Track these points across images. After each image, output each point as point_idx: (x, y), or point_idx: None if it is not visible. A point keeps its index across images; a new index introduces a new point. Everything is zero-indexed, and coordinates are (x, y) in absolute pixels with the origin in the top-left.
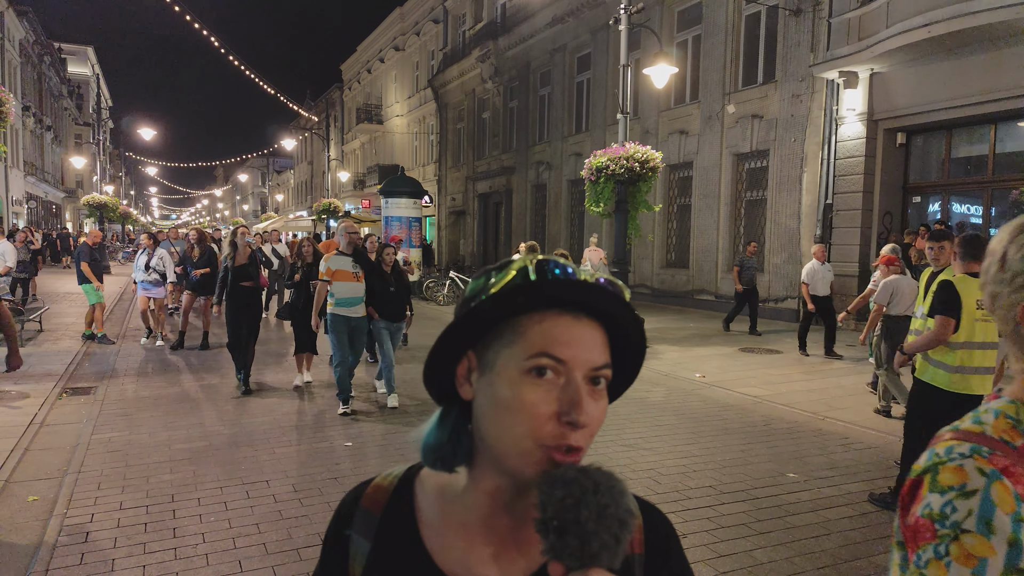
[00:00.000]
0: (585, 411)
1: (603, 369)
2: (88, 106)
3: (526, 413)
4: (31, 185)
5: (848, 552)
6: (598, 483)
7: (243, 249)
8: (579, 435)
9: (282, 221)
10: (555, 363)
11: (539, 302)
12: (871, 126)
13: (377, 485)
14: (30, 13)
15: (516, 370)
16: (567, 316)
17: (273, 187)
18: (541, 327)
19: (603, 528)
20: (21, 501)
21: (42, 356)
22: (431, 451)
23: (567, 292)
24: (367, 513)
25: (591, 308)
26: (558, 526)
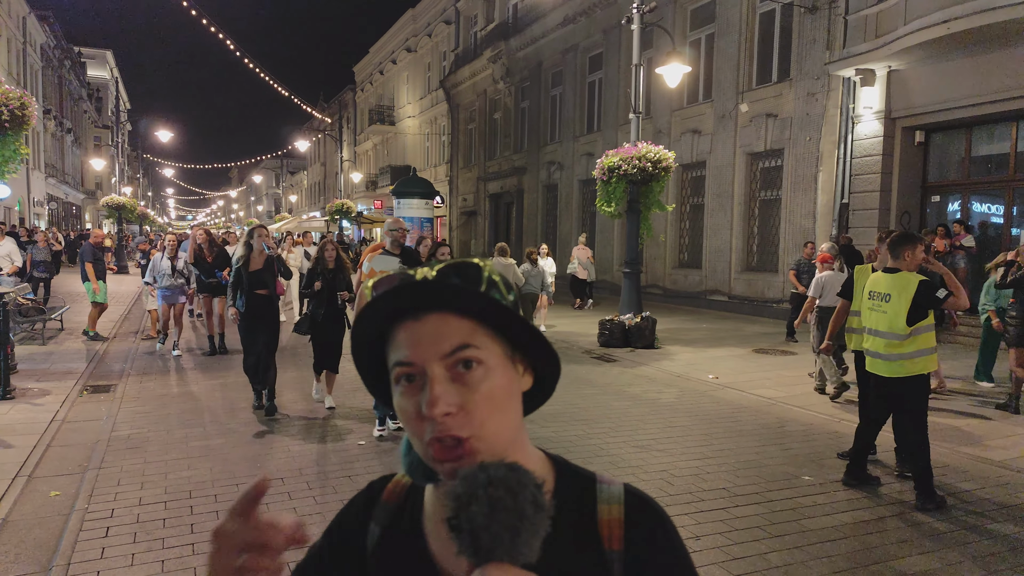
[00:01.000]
0: (434, 402)
1: (460, 352)
2: (107, 109)
3: (404, 418)
4: (52, 187)
5: (865, 556)
6: (492, 477)
7: (258, 253)
8: (452, 423)
9: (295, 222)
10: (407, 367)
11: (382, 319)
12: (889, 124)
13: (396, 481)
14: (51, 18)
15: (393, 384)
16: (409, 321)
17: (287, 188)
18: (395, 338)
19: (495, 522)
20: (43, 496)
21: (63, 355)
22: (406, 468)
23: (392, 303)
24: (384, 504)
25: (430, 304)
26: (455, 524)
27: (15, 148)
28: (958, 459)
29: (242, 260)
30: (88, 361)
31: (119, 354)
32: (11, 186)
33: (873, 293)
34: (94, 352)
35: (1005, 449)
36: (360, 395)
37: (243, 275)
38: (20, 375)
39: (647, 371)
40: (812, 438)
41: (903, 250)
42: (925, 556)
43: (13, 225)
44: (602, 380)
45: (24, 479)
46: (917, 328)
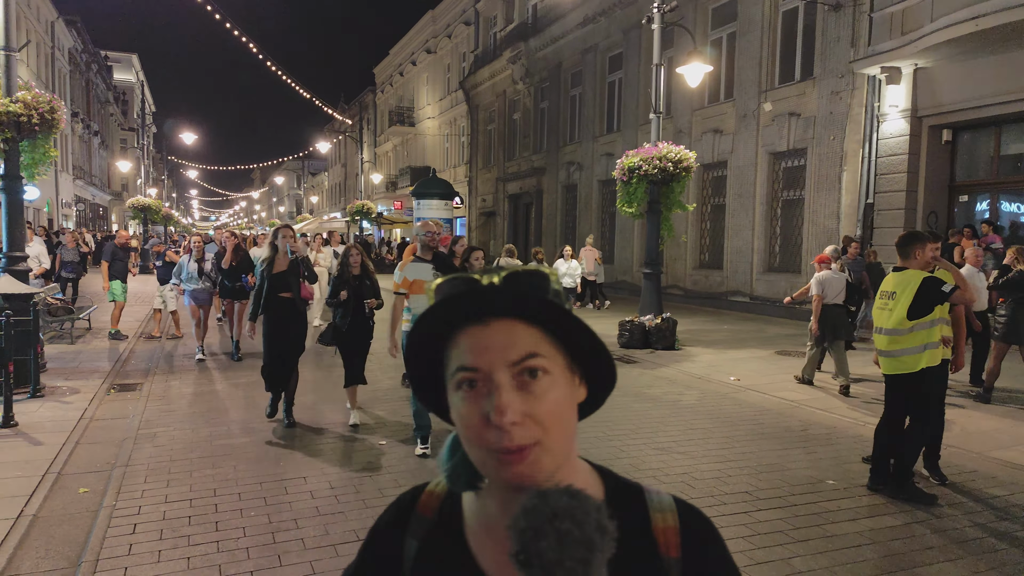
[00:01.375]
0: (502, 409)
1: (527, 360)
2: (133, 111)
3: (464, 424)
4: (79, 188)
5: (890, 563)
6: (555, 509)
7: (283, 254)
8: (515, 434)
9: (316, 222)
10: (472, 373)
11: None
12: (915, 123)
13: (430, 492)
14: (78, 23)
15: (452, 386)
16: (475, 326)
17: (308, 189)
18: (458, 343)
19: (566, 556)
20: (72, 493)
21: (91, 354)
22: (449, 474)
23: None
24: (420, 517)
25: (498, 310)
26: (523, 559)
27: (45, 151)
28: (987, 464)
29: (266, 262)
30: (115, 360)
31: (145, 353)
32: (40, 188)
33: (883, 293)
34: (121, 351)
35: None
36: (385, 404)
37: (266, 278)
38: (49, 373)
39: (668, 373)
40: (836, 441)
41: (912, 249)
42: (952, 564)
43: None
44: (622, 382)
45: (54, 476)
46: (919, 323)
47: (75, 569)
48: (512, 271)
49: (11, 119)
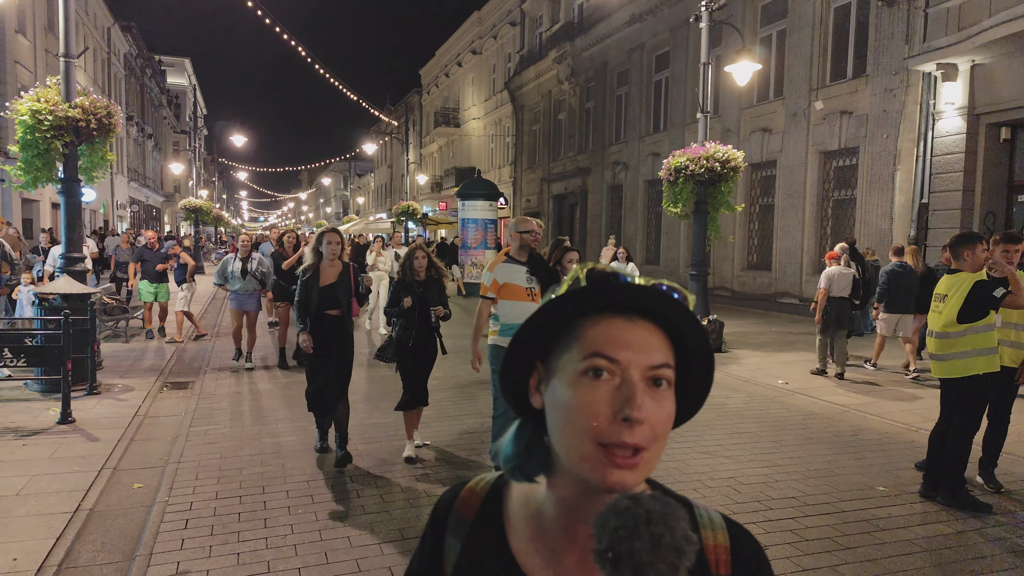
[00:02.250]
0: (639, 407)
1: (661, 369)
2: (185, 115)
3: (583, 412)
4: (134, 190)
5: (941, 572)
6: (651, 512)
7: (330, 263)
8: (638, 433)
9: (363, 223)
10: (609, 363)
11: (591, 306)
12: (972, 121)
13: (470, 489)
14: (133, 28)
15: (573, 372)
16: (620, 318)
17: (354, 190)
18: (595, 329)
19: (658, 559)
20: (127, 488)
21: (144, 352)
22: (508, 461)
23: (617, 295)
24: (460, 516)
25: (646, 311)
26: (613, 558)
27: (102, 155)
28: None
29: (310, 272)
30: (168, 358)
31: (197, 352)
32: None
33: (936, 296)
34: (174, 350)
35: None
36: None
37: (311, 291)
38: (105, 371)
39: (714, 375)
40: (887, 447)
41: (962, 251)
42: (1006, 574)
43: (99, 228)
44: None
45: (109, 471)
46: (972, 328)
47: (130, 562)
48: (659, 282)
49: (70, 124)
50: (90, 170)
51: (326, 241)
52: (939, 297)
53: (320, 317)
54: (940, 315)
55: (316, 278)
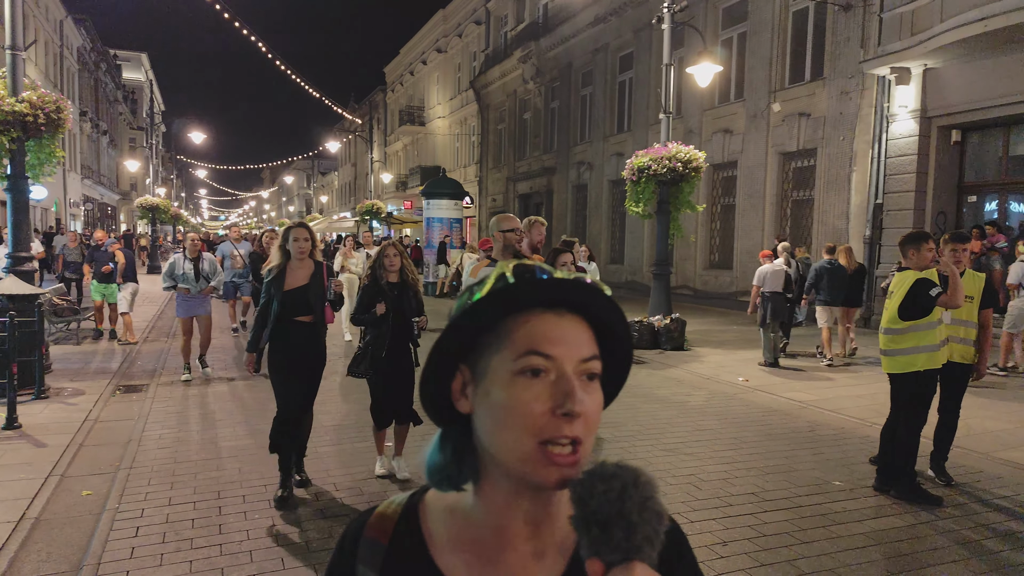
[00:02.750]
0: (579, 400)
1: (591, 361)
2: (142, 111)
3: (521, 412)
4: (88, 188)
5: (895, 564)
6: (637, 476)
7: (299, 262)
8: (576, 426)
9: (326, 222)
10: (544, 360)
11: (519, 304)
12: (924, 123)
13: (380, 514)
14: (87, 21)
15: (508, 373)
16: (550, 314)
17: (318, 189)
18: (527, 327)
19: (645, 520)
20: (75, 495)
21: (96, 355)
22: (436, 472)
23: (545, 291)
24: (372, 543)
25: (572, 304)
26: (602, 519)
27: (51, 151)
28: (993, 465)
29: (276, 271)
30: (121, 361)
31: (151, 355)
32: (48, 187)
33: (888, 293)
34: (127, 352)
35: None
36: None
37: (276, 294)
38: (54, 374)
39: (676, 373)
40: (843, 442)
41: (908, 249)
42: (956, 564)
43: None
44: (630, 382)
45: (57, 478)
46: (915, 325)
47: (76, 572)
48: (580, 275)
49: (17, 119)
50: (38, 167)
51: (292, 238)
52: (889, 294)
53: (289, 325)
54: (887, 311)
55: (282, 280)
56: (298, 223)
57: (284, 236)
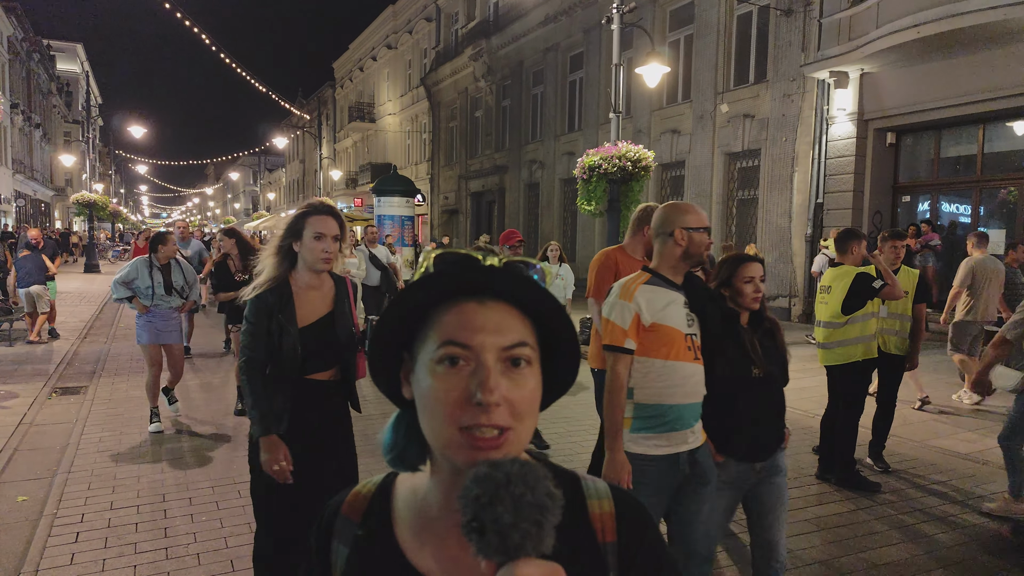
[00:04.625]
0: (492, 389)
1: (517, 348)
2: (77, 103)
3: (440, 400)
4: (20, 183)
5: (837, 548)
6: (509, 474)
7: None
8: (496, 415)
9: (274, 219)
10: (462, 349)
11: (441, 293)
12: (861, 126)
13: (356, 493)
14: (18, 9)
15: (430, 361)
16: (471, 303)
17: (265, 185)
18: (447, 317)
19: (521, 518)
20: (10, 501)
21: (31, 356)
22: (387, 451)
23: (464, 279)
24: (346, 521)
25: (497, 292)
26: (478, 526)
27: None
28: (927, 453)
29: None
30: (58, 362)
31: (90, 355)
32: None
33: (821, 288)
34: (64, 353)
35: (970, 443)
36: None
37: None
38: None
39: None
40: None
41: (848, 245)
42: (894, 547)
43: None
44: (584, 379)
45: None
46: (853, 317)
47: None
48: (515, 259)
49: None
50: None
51: (313, 232)
52: (824, 289)
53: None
54: (826, 306)
55: (291, 306)
56: (321, 205)
57: (295, 226)
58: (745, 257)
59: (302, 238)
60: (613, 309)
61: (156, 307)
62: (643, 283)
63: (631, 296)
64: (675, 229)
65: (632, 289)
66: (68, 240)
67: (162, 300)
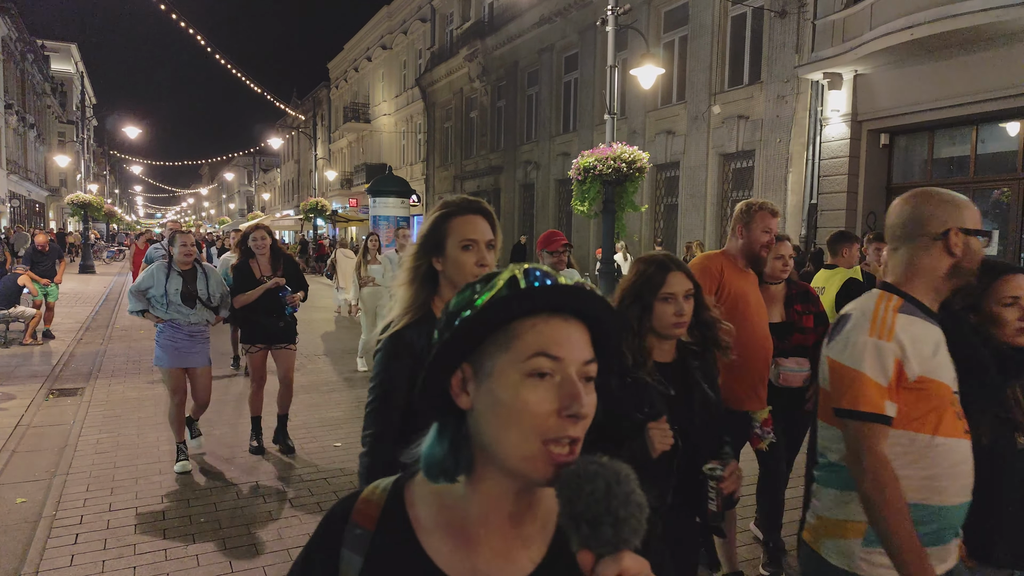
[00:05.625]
0: (585, 403)
1: (590, 364)
2: (72, 104)
3: (529, 412)
4: (14, 184)
5: None
6: (618, 473)
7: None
8: (580, 427)
9: (269, 220)
10: (552, 362)
11: (531, 308)
12: (855, 127)
13: (366, 499)
14: (12, 9)
15: (516, 373)
16: (556, 318)
17: (259, 186)
18: (535, 330)
19: (631, 514)
20: (9, 503)
21: (28, 357)
22: (435, 465)
23: (555, 297)
24: (358, 528)
25: (575, 310)
26: (590, 518)
27: None
28: None
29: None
30: (54, 364)
31: (86, 357)
32: None
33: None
34: (60, 355)
35: None
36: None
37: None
38: None
39: None
40: None
41: (841, 247)
42: None
43: None
44: None
45: None
46: None
47: None
48: (581, 282)
49: None
50: None
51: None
52: (818, 290)
53: None
54: None
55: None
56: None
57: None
58: (1005, 267)
59: (444, 251)
60: (863, 350)
61: (172, 320)
62: (897, 310)
63: (891, 332)
64: (949, 229)
65: (889, 321)
66: (65, 240)
67: (179, 312)
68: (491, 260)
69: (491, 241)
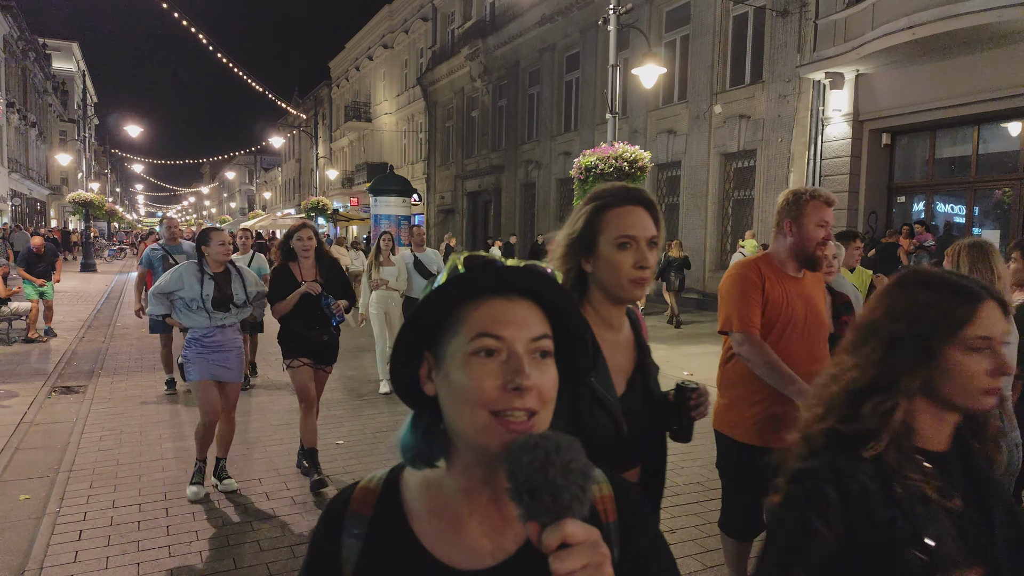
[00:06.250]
0: (527, 375)
1: (541, 340)
2: (73, 102)
3: (475, 387)
4: (15, 182)
5: None
6: (559, 443)
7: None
8: (529, 399)
9: (270, 219)
10: (496, 340)
11: (473, 292)
12: (857, 127)
13: (363, 488)
14: (14, 8)
15: (463, 354)
16: (500, 299)
17: (260, 184)
18: (478, 312)
19: (570, 481)
20: (13, 500)
21: (30, 355)
22: (408, 450)
23: (493, 278)
24: (356, 516)
25: (522, 290)
26: (530, 488)
27: None
28: None
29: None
30: (56, 362)
31: (88, 354)
32: None
33: None
34: (62, 352)
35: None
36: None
37: (595, 409)
38: None
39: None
40: None
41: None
42: None
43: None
44: None
45: None
46: None
47: None
48: (532, 263)
49: None
50: None
51: (614, 234)
52: None
53: None
54: None
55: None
56: (622, 191)
57: (587, 232)
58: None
59: (596, 250)
60: None
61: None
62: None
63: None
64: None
65: None
66: (69, 239)
67: (210, 316)
68: (652, 261)
69: (653, 238)
